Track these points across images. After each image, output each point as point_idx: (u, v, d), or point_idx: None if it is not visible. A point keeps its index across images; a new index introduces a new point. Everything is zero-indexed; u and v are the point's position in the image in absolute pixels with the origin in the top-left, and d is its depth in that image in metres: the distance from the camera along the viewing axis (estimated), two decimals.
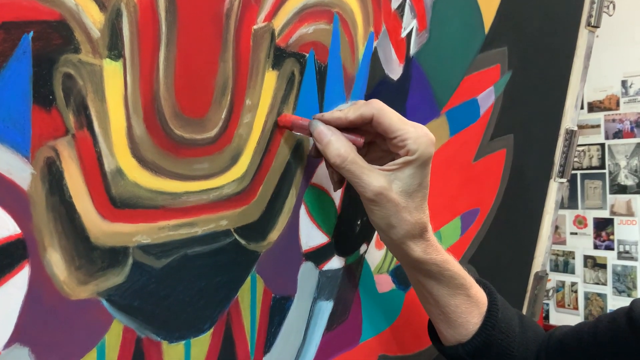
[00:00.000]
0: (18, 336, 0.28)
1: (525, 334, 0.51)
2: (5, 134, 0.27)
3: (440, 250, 0.46)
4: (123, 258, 0.33)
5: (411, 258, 0.46)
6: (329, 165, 0.45)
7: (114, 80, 0.31)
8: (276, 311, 0.44)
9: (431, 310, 0.51)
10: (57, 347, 0.30)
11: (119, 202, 0.32)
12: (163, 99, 0.34)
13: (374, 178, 0.42)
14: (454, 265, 0.47)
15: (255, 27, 0.39)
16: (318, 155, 0.44)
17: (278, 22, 0.40)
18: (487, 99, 0.69)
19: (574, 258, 2.30)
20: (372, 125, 0.42)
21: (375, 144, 0.46)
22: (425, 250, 0.45)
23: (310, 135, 0.42)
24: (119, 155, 0.32)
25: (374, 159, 0.44)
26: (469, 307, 0.49)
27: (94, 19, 0.30)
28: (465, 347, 0.49)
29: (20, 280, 0.28)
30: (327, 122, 0.42)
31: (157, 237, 0.34)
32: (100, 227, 0.31)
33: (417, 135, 0.41)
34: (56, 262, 0.29)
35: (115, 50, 0.31)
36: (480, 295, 0.50)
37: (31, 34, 0.27)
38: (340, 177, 0.45)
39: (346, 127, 0.42)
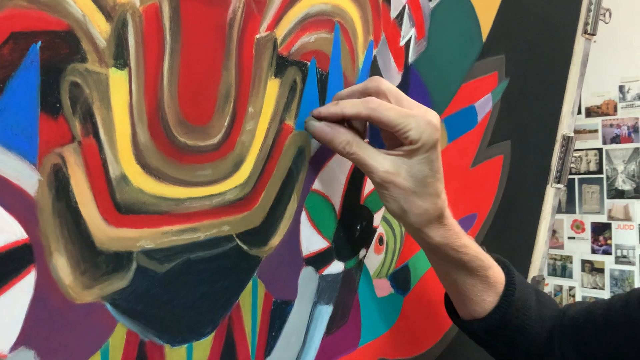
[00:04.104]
0: (24, 339, 0.28)
1: (541, 311, 0.53)
2: (13, 142, 0.27)
3: (459, 235, 0.47)
4: (127, 263, 0.33)
5: (429, 243, 0.47)
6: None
7: (120, 88, 0.32)
8: (277, 315, 0.44)
9: (448, 287, 0.52)
10: (62, 350, 0.30)
11: (123, 208, 0.33)
12: (167, 106, 0.34)
13: (379, 163, 0.42)
14: (472, 249, 0.48)
15: (257, 36, 0.39)
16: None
17: (280, 31, 0.41)
18: (484, 105, 0.70)
19: (571, 262, 2.30)
20: (372, 122, 0.43)
21: None
22: (443, 235, 0.46)
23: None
24: (123, 161, 0.32)
25: (392, 137, 0.45)
26: (485, 287, 0.50)
27: (100, 29, 0.30)
28: (481, 323, 0.51)
29: (26, 284, 0.28)
30: (324, 118, 0.43)
31: (161, 242, 0.35)
32: (105, 232, 0.32)
33: (417, 124, 0.41)
34: (62, 266, 0.30)
35: (121, 59, 0.32)
36: (497, 275, 0.51)
37: (39, 43, 0.28)
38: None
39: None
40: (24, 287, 0.28)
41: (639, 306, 0.47)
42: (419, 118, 0.42)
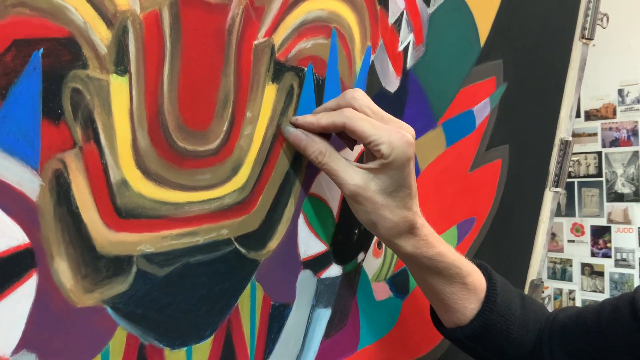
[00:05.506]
0: (25, 342, 0.29)
1: (526, 316, 0.52)
2: (15, 147, 0.28)
3: (432, 244, 0.47)
4: (127, 266, 0.33)
5: (402, 253, 0.47)
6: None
7: (120, 94, 0.32)
8: (275, 318, 0.44)
9: (429, 296, 0.52)
10: (63, 353, 0.31)
11: (123, 213, 0.33)
12: (167, 112, 0.35)
13: (350, 176, 0.43)
14: (448, 257, 0.48)
15: (256, 42, 0.40)
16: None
17: (278, 37, 0.42)
18: (482, 110, 0.70)
19: (571, 266, 2.30)
20: (346, 132, 0.43)
21: None
22: (415, 245, 0.46)
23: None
24: (124, 166, 0.33)
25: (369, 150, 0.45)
26: (466, 294, 0.50)
27: (101, 36, 0.31)
28: (464, 330, 0.51)
29: (28, 288, 0.29)
30: (300, 126, 0.44)
31: (161, 246, 0.35)
32: (106, 237, 0.32)
33: (390, 139, 0.41)
34: (63, 270, 0.30)
35: (121, 65, 0.32)
36: (478, 282, 0.51)
37: (41, 50, 0.28)
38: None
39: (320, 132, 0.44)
40: (26, 291, 0.29)
41: (629, 311, 0.47)
42: (392, 133, 0.42)
